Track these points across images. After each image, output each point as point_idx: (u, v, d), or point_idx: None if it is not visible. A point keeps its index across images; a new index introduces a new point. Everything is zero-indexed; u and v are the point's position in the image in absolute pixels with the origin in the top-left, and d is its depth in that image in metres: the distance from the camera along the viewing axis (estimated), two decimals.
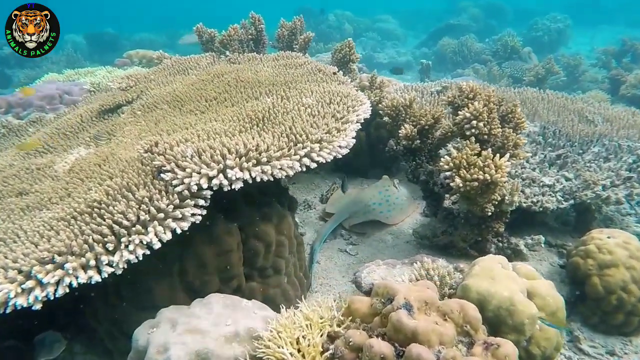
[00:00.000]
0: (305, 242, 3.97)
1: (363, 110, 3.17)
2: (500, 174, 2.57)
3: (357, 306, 1.93)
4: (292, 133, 2.57)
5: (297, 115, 2.87)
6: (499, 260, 2.43)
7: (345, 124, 2.85)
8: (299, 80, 3.61)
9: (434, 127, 3.40)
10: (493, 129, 2.92)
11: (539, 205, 3.34)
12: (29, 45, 1.28)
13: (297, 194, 4.89)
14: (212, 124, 2.84)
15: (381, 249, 3.86)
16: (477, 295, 2.18)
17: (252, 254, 2.66)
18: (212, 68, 4.28)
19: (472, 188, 2.66)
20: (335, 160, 5.28)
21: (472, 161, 2.71)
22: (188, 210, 2.15)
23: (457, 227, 3.38)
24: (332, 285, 3.42)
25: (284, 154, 2.39)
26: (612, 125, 4.33)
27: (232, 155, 2.28)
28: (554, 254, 3.69)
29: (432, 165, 3.48)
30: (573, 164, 3.91)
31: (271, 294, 2.77)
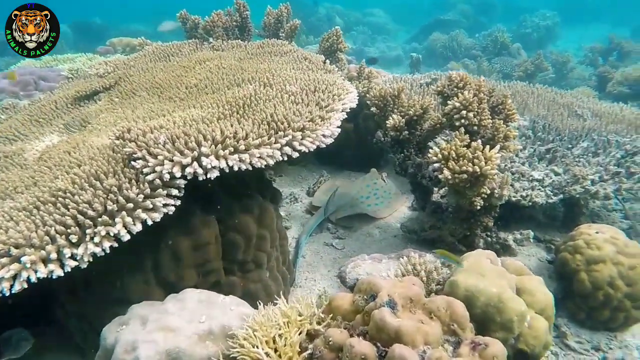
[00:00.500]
0: (291, 235, 3.86)
1: (349, 99, 3.05)
2: (490, 166, 2.48)
3: (339, 303, 1.82)
4: (273, 121, 2.44)
5: (280, 103, 2.75)
6: (487, 255, 2.34)
7: (329, 113, 2.73)
8: (284, 68, 3.48)
9: (423, 118, 3.30)
10: (483, 120, 2.82)
11: (528, 199, 3.27)
12: (29, 45, 1.27)
13: (284, 186, 4.77)
14: (190, 110, 2.70)
15: (368, 243, 3.77)
16: (464, 292, 2.08)
17: (231, 247, 2.53)
18: (194, 55, 4.13)
19: (461, 180, 2.56)
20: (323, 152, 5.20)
21: (461, 152, 2.62)
22: (160, 201, 2.01)
23: (445, 221, 3.29)
24: (318, 279, 3.32)
25: (263, 142, 2.26)
26: (601, 120, 4.28)
27: (207, 142, 2.15)
28: (542, 249, 3.62)
29: (420, 158, 3.38)
30: (562, 159, 3.84)
31: (252, 289, 2.65)
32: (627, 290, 2.81)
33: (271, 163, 2.28)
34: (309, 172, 5.06)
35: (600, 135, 4.01)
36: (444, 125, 3.30)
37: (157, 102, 3.21)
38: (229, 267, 2.59)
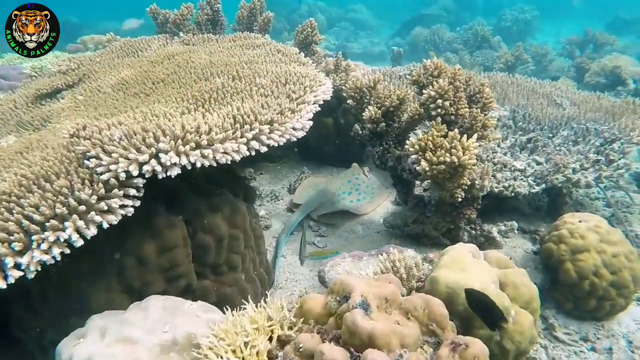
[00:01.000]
0: (272, 235, 3.72)
1: (322, 90, 2.93)
2: (468, 155, 2.37)
3: (310, 305, 1.69)
4: (239, 114, 2.30)
5: (248, 96, 2.61)
6: (469, 248, 2.23)
7: (300, 105, 2.60)
8: (255, 61, 3.34)
9: (400, 109, 3.19)
10: (460, 109, 2.72)
11: (511, 190, 3.18)
12: (29, 45, 1.21)
13: (264, 184, 4.63)
14: (154, 106, 2.55)
15: (351, 240, 3.65)
16: (446, 289, 1.97)
17: (201, 249, 2.39)
18: (163, 50, 3.96)
19: (440, 172, 2.45)
20: (303, 148, 5.07)
21: (438, 143, 2.51)
22: (116, 202, 1.86)
23: (428, 215, 3.19)
24: (299, 280, 3.18)
25: (228, 136, 2.12)
26: (580, 108, 4.21)
27: (166, 138, 2.00)
28: (527, 240, 3.54)
29: (400, 150, 3.27)
30: (544, 148, 3.76)
31: (227, 292, 2.51)
32: (612, 279, 2.74)
33: (237, 158, 2.15)
34: (289, 169, 4.93)
35: (580, 123, 3.95)
36: (422, 116, 3.19)
37: (122, 98, 3.04)
38: (201, 270, 2.44)
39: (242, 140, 2.18)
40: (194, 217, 2.36)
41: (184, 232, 2.31)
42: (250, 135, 2.21)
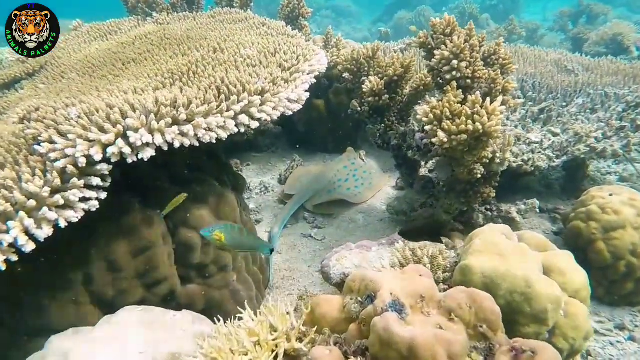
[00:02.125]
0: (263, 230, 3.37)
1: (317, 60, 2.57)
2: (494, 121, 2.04)
3: (325, 310, 1.35)
4: (224, 84, 1.94)
5: (233, 67, 2.24)
6: (501, 230, 1.91)
7: (295, 74, 2.24)
8: (239, 34, 2.96)
9: (404, 79, 2.85)
10: (477, 71, 2.39)
11: (531, 164, 2.86)
12: (29, 45, 1.24)
13: (252, 176, 4.26)
14: (121, 83, 2.16)
15: (351, 230, 3.31)
16: (482, 279, 1.64)
17: (185, 248, 2.03)
18: (134, 31, 3.55)
19: (460, 143, 2.12)
20: (293, 134, 4.71)
21: (457, 110, 2.17)
22: (75, 194, 1.49)
23: (438, 197, 2.86)
24: (297, 277, 2.84)
25: (211, 109, 1.76)
26: (595, 73, 3.92)
27: (136, 113, 1.63)
28: (545, 219, 3.24)
29: (404, 126, 2.93)
30: (558, 118, 3.46)
31: (217, 297, 2.16)
32: None
33: (223, 136, 1.78)
34: (279, 158, 4.56)
35: (597, 89, 3.65)
36: (429, 86, 2.86)
37: (89, 82, 2.63)
38: (185, 273, 2.08)
39: (229, 114, 1.81)
40: (175, 210, 1.99)
41: (164, 229, 1.95)
42: (238, 107, 1.85)
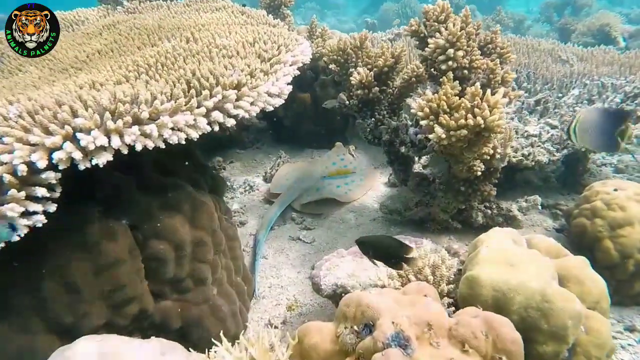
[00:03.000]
0: (247, 232, 3.15)
1: (301, 50, 2.35)
2: (497, 115, 1.85)
3: (315, 340, 1.14)
4: (195, 78, 1.71)
5: (207, 58, 2.01)
6: (509, 234, 1.72)
7: (276, 65, 2.02)
8: (215, 23, 2.72)
9: (395, 70, 2.64)
10: (475, 61, 2.19)
11: (531, 158, 2.69)
12: (29, 45, 1.25)
13: (236, 174, 4.02)
14: (80, 77, 1.92)
15: (342, 231, 3.11)
16: (492, 292, 1.45)
17: (157, 262, 1.80)
18: (102, 21, 3.28)
19: (459, 139, 1.92)
20: (278, 129, 4.48)
21: (456, 103, 1.97)
22: (13, 209, 1.25)
23: (434, 195, 2.67)
24: (285, 285, 2.63)
25: (179, 106, 1.53)
26: (590, 63, 3.76)
27: (88, 111, 1.39)
28: (546, 216, 3.08)
29: (396, 120, 2.73)
30: (555, 110, 3.30)
31: (195, 313, 1.93)
32: None
33: (194, 136, 1.56)
34: (264, 155, 4.33)
35: (593, 79, 3.50)
36: (421, 78, 2.66)
37: (47, 75, 2.37)
38: (159, 289, 1.86)
39: (200, 110, 1.59)
40: (144, 220, 1.77)
41: (131, 242, 1.72)
42: (211, 103, 1.62)
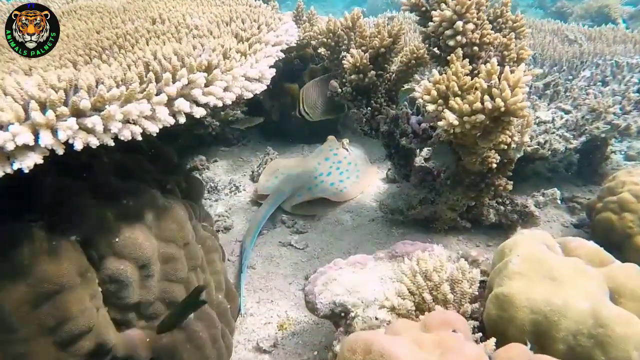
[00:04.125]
0: (233, 239, 2.83)
1: (285, 29, 2.04)
2: (519, 95, 1.55)
3: None
4: (155, 59, 1.40)
5: (174, 39, 1.70)
6: (541, 237, 1.43)
7: (255, 45, 1.70)
8: (187, 4, 2.39)
9: (393, 51, 2.34)
10: (486, 36, 1.89)
11: (548, 146, 2.41)
12: (29, 45, 1.18)
13: (220, 173, 3.70)
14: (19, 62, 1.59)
15: (338, 234, 2.80)
16: (531, 315, 1.16)
17: (117, 284, 1.49)
18: (65, 7, 2.94)
19: (475, 125, 1.62)
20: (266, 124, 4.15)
21: (468, 83, 1.68)
22: None
23: (440, 191, 2.38)
24: (276, 299, 2.31)
25: (132, 93, 1.21)
26: (601, 42, 3.48)
27: (7, 99, 1.07)
28: (562, 210, 2.80)
29: (395, 109, 2.43)
30: (567, 93, 3.01)
31: (167, 343, 1.62)
32: None
33: (152, 130, 1.24)
34: (251, 152, 4.00)
35: (605, 59, 3.22)
36: (421, 59, 2.35)
37: None
38: (121, 316, 1.55)
39: (160, 98, 1.27)
40: (98, 234, 1.45)
41: (81, 261, 1.40)
42: (174, 89, 1.31)
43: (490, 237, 2.58)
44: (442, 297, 1.33)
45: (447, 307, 1.33)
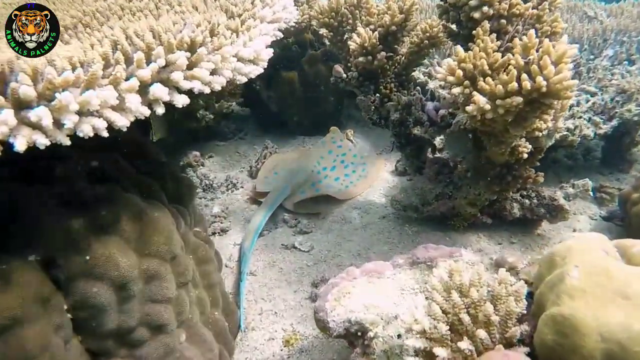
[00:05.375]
0: (231, 242, 2.57)
1: (282, 5, 1.78)
2: (564, 72, 1.31)
3: None
4: (127, 37, 1.14)
5: (152, 16, 1.44)
6: (598, 241, 1.20)
7: (249, 21, 1.45)
8: None
9: (405, 29, 2.08)
10: (516, 5, 1.64)
11: (577, 132, 2.16)
12: (29, 45, 1.13)
13: (216, 170, 3.44)
14: None
15: (346, 234, 2.56)
16: (602, 344, 0.94)
17: (90, 309, 1.25)
18: None
19: (509, 109, 1.37)
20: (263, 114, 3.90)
21: (499, 61, 1.42)
22: None
23: (459, 185, 2.14)
24: (280, 311, 2.06)
25: (93, 78, 0.96)
26: (624, 18, 3.22)
27: None
28: (589, 201, 2.57)
29: (408, 95, 2.18)
30: (590, 74, 2.76)
31: None
32: None
33: (122, 124, 0.99)
34: (248, 146, 3.75)
35: (631, 37, 2.97)
36: (435, 41, 2.10)
37: None
38: (99, 345, 1.31)
39: (130, 84, 1.02)
40: (65, 251, 1.21)
41: (43, 286, 1.16)
42: (147, 72, 1.06)
43: (513, 233, 2.34)
44: (484, 317, 1.09)
45: (490, 330, 1.09)
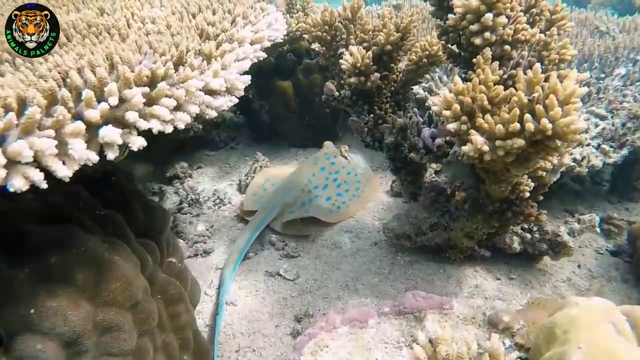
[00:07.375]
0: (213, 265, 2.42)
1: (267, 23, 1.64)
2: (573, 115, 1.16)
3: None
4: (79, 69, 1.00)
5: (118, 36, 1.30)
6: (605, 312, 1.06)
7: (224, 45, 1.31)
8: None
9: (401, 48, 1.93)
10: (521, 31, 1.49)
11: (585, 163, 2.02)
12: (29, 45, 1.17)
13: (204, 182, 3.31)
14: None
15: (335, 261, 2.41)
16: None
17: None
18: None
19: (510, 152, 1.23)
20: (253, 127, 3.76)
21: (501, 95, 1.28)
22: None
23: (455, 215, 2.00)
24: (259, 347, 1.91)
25: (30, 122, 0.82)
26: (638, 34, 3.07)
27: None
28: (596, 233, 2.42)
29: (404, 116, 2.04)
30: (600, 95, 2.61)
31: None
32: None
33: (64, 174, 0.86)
34: (240, 157, 3.61)
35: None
36: (434, 59, 1.96)
37: None
38: None
39: (73, 128, 0.88)
40: (5, 304, 1.08)
41: None
42: (96, 113, 0.92)
43: (513, 267, 2.20)
44: None
45: None
